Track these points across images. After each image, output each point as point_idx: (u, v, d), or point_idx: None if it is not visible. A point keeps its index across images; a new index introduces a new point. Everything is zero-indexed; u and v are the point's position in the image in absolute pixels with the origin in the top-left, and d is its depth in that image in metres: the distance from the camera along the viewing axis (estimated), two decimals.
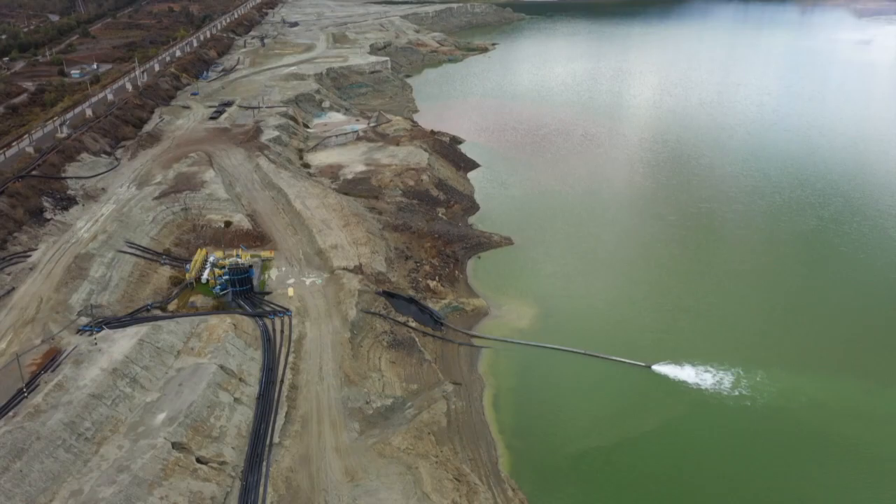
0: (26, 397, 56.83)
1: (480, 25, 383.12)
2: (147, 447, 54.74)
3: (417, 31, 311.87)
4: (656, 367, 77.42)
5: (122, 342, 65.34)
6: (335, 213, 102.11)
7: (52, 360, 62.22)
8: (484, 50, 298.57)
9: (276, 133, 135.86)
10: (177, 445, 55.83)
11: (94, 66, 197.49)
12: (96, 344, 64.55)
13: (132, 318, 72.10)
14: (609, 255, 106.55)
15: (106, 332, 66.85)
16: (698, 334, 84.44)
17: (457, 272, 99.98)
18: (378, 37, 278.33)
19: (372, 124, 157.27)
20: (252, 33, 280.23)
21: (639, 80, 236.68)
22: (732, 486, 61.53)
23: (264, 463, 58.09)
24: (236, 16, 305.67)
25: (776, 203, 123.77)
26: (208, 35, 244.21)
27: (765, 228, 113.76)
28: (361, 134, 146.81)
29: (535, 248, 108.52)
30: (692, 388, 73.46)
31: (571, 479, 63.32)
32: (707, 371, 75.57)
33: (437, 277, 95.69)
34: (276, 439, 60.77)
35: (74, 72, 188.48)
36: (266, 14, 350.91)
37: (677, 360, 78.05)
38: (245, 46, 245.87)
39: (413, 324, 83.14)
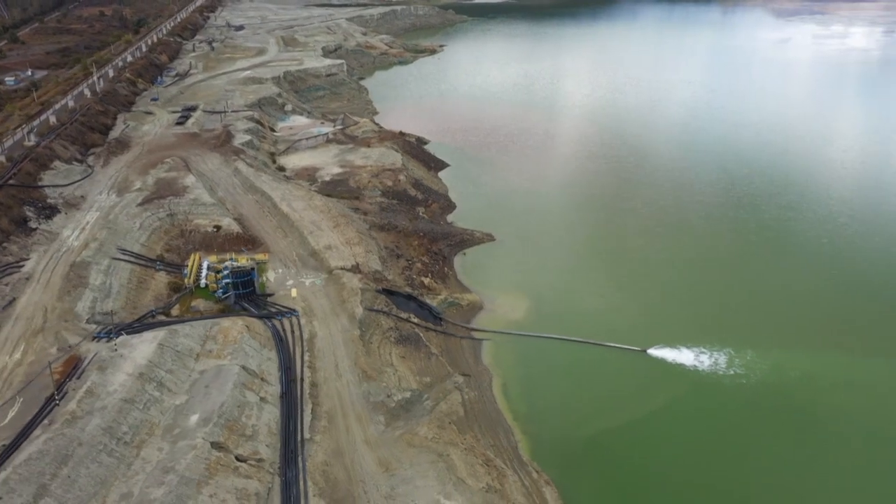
0: (58, 404, 56.49)
1: (424, 27, 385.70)
2: (187, 448, 55.22)
3: (365, 34, 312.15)
4: (651, 351, 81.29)
5: (142, 347, 65.26)
6: (323, 215, 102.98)
7: (74, 367, 61.74)
8: (432, 51, 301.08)
9: (248, 137, 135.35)
10: (215, 445, 56.47)
11: (29, 73, 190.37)
12: (116, 350, 64.33)
13: (146, 324, 71.84)
14: (588, 246, 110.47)
15: (124, 337, 66.56)
16: (686, 318, 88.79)
17: (446, 269, 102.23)
18: (327, 40, 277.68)
19: (338, 127, 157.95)
20: (198, 37, 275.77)
21: (588, 80, 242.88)
22: (739, 454, 65.73)
23: (299, 458, 59.18)
24: (179, 20, 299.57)
25: (738, 194, 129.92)
26: (155, 39, 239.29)
27: (730, 217, 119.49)
28: (331, 136, 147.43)
29: (515, 242, 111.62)
30: (689, 370, 77.58)
31: (589, 459, 66.44)
32: (702, 352, 79.85)
33: (429, 274, 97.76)
34: (306, 435, 61.90)
35: (9, 79, 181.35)
36: (207, 18, 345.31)
37: (670, 344, 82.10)
38: (194, 51, 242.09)
39: (415, 319, 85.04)
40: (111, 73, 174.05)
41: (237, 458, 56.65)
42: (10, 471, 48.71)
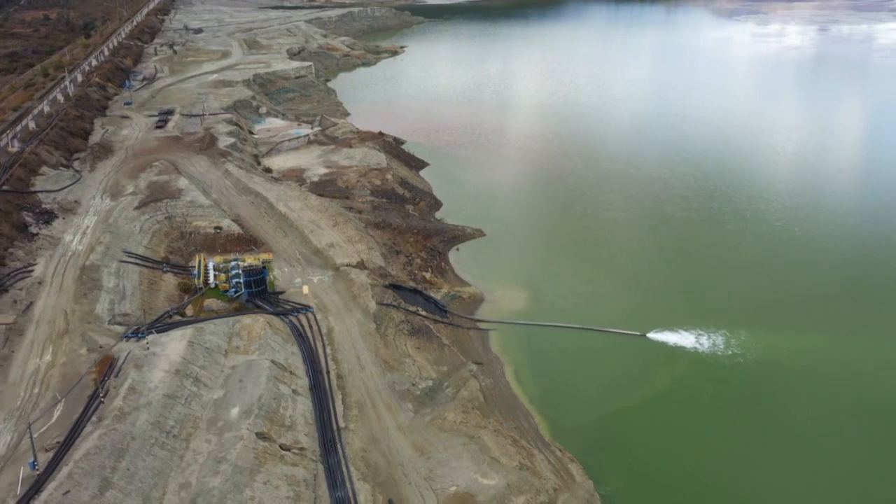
0: (103, 402, 57.48)
1: (381, 29, 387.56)
2: (235, 439, 56.88)
3: (325, 36, 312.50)
4: (651, 335, 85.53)
5: (173, 345, 66.43)
6: (321, 214, 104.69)
7: (110, 366, 62.63)
8: (394, 53, 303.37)
9: (232, 140, 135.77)
10: (260, 435, 58.25)
11: None
12: (148, 348, 65.38)
13: (171, 323, 72.83)
14: (574, 239, 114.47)
15: (153, 336, 67.59)
16: (678, 303, 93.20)
17: (443, 264, 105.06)
18: (290, 42, 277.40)
19: (317, 128, 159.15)
20: (158, 41, 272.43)
21: (551, 80, 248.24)
22: (742, 425, 70.29)
23: (338, 446, 61.30)
24: (135, 23, 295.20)
25: (711, 186, 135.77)
26: (115, 43, 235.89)
27: (706, 209, 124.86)
28: (312, 138, 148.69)
29: (505, 237, 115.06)
30: (690, 351, 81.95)
31: (606, 437, 69.92)
32: (700, 334, 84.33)
33: (429, 270, 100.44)
34: (341, 424, 64.02)
35: None
36: (162, 20, 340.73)
37: (668, 327, 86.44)
38: (157, 54, 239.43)
39: (423, 313, 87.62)
40: (79, 78, 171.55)
41: (281, 448, 58.55)
42: (72, 465, 49.76)
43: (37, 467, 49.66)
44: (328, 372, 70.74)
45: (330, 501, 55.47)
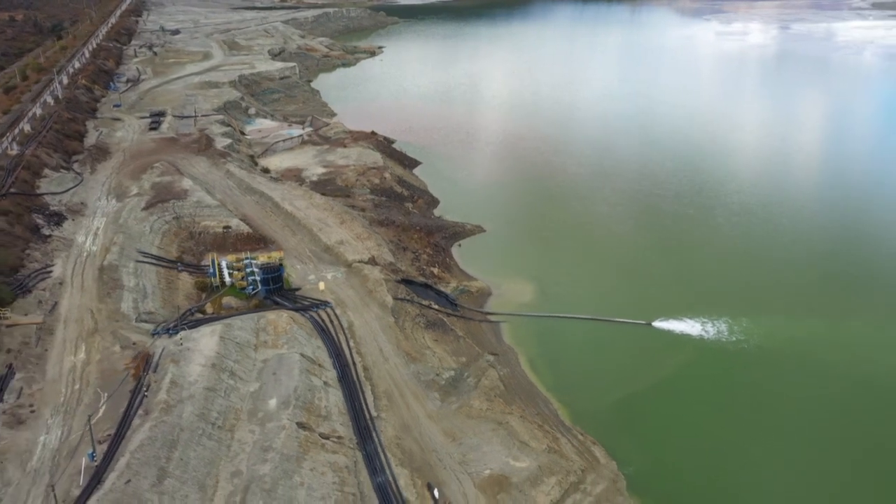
0: (146, 396, 58.83)
1: (357, 29, 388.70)
2: (277, 429, 58.65)
3: (303, 37, 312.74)
4: (656, 324, 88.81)
5: (204, 341, 67.84)
6: (328, 213, 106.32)
7: (146, 362, 63.90)
8: (372, 53, 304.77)
9: (228, 140, 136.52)
10: (300, 425, 60.07)
11: None
12: (182, 344, 66.74)
13: (199, 320, 74.13)
14: (572, 233, 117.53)
15: (185, 332, 68.92)
16: (679, 293, 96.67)
17: (448, 259, 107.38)
18: (269, 43, 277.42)
19: (308, 128, 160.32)
20: (135, 42, 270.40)
21: (532, 79, 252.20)
22: (749, 406, 73.79)
23: (374, 434, 63.36)
24: (111, 24, 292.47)
25: (699, 181, 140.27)
26: (94, 45, 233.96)
27: (696, 203, 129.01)
28: (306, 138, 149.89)
29: (505, 233, 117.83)
30: (695, 338, 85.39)
31: (622, 421, 72.78)
32: (704, 322, 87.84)
33: (436, 265, 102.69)
34: (373, 413, 66.06)
35: None
36: (137, 22, 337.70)
37: (671, 316, 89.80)
38: (136, 56, 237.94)
39: (435, 306, 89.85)
40: (65, 80, 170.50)
41: (321, 436, 60.44)
42: (128, 456, 51.17)
43: (95, 458, 50.98)
44: (354, 364, 72.69)
45: (372, 486, 57.55)
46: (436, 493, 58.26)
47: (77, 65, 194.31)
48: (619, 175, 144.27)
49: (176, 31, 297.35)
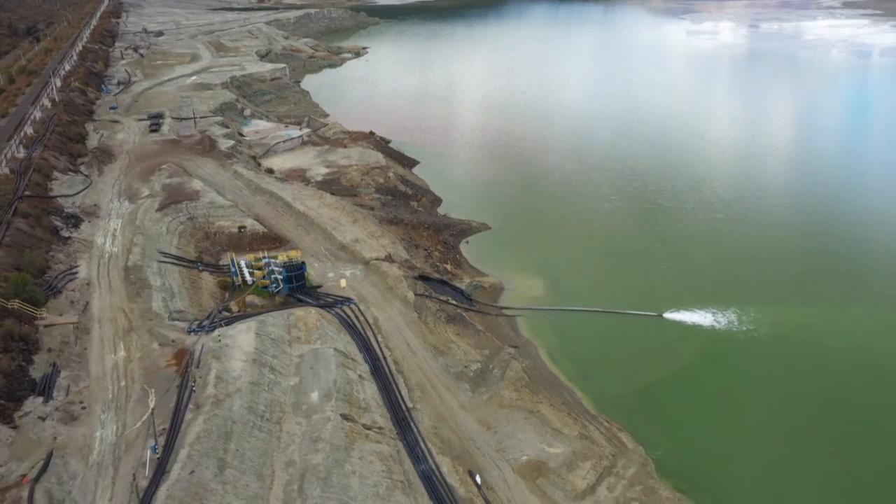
0: (195, 391, 60.25)
1: (339, 30, 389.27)
2: (323, 420, 60.40)
3: (287, 38, 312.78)
4: (667, 315, 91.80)
5: (241, 337, 69.32)
6: (339, 212, 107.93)
7: (188, 358, 65.26)
8: (357, 54, 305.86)
9: (231, 142, 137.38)
10: (344, 417, 61.88)
11: None
12: (220, 340, 68.16)
13: (232, 317, 75.52)
14: (576, 229, 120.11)
15: (221, 329, 70.31)
16: (686, 285, 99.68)
17: (457, 256, 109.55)
18: (255, 44, 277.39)
19: (306, 129, 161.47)
20: (119, 44, 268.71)
21: (521, 79, 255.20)
22: (764, 392, 76.90)
23: (412, 424, 65.36)
24: (92, 26, 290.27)
25: (695, 178, 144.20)
26: (80, 47, 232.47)
27: (694, 199, 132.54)
28: (306, 138, 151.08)
29: (510, 230, 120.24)
30: (707, 328, 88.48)
31: (644, 408, 75.31)
32: (713, 313, 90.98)
33: (448, 262, 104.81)
34: (409, 405, 68.04)
35: None
36: (117, 23, 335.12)
37: (681, 308, 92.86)
38: (123, 58, 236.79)
39: (453, 302, 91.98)
40: (58, 83, 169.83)
41: (364, 427, 62.29)
42: (188, 448, 52.65)
43: (157, 451, 52.40)
44: (385, 358, 74.56)
45: (417, 474, 59.54)
46: (478, 479, 60.43)
47: (67, 67, 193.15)
48: (615, 173, 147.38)
49: (159, 33, 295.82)
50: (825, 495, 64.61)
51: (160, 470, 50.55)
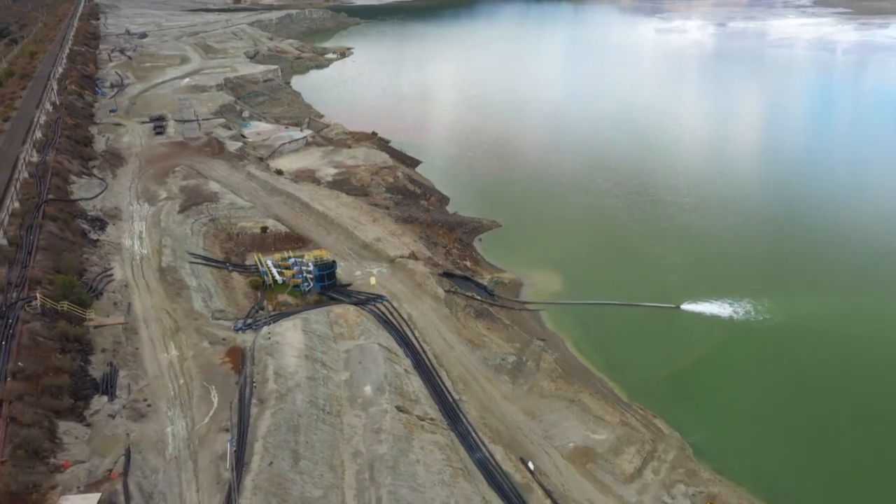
0: (255, 387, 61.82)
1: (320, 30, 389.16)
2: (381, 412, 62.37)
3: (271, 39, 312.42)
4: (684, 307, 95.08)
5: (289, 334, 70.97)
6: (358, 211, 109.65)
7: (242, 355, 66.78)
8: (342, 54, 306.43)
9: (239, 144, 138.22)
10: (399, 409, 63.90)
11: None
12: (270, 338, 69.72)
13: (277, 315, 77.04)
14: (586, 225, 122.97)
15: (267, 327, 71.85)
16: (699, 277, 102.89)
17: (474, 253, 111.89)
18: (241, 45, 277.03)
19: (307, 130, 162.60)
20: (104, 46, 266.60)
21: (512, 78, 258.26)
22: (784, 377, 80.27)
23: (461, 415, 67.56)
24: (74, 27, 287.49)
25: (693, 174, 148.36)
26: (67, 50, 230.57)
27: (695, 195, 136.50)
28: (310, 139, 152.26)
29: (519, 226, 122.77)
30: (725, 319, 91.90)
31: (674, 395, 78.28)
32: (728, 303, 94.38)
33: (467, 258, 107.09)
34: (455, 397, 70.23)
35: None
36: (96, 25, 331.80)
37: (697, 299, 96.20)
38: (111, 60, 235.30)
39: (478, 297, 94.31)
40: (55, 86, 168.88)
41: (418, 418, 64.36)
42: (262, 441, 54.36)
43: (234, 444, 53.99)
44: (425, 352, 76.66)
45: (473, 462, 61.78)
46: (530, 465, 62.84)
47: (60, 70, 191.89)
48: (619, 170, 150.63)
49: (143, 35, 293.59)
50: (855, 471, 68.13)
51: (239, 462, 52.16)
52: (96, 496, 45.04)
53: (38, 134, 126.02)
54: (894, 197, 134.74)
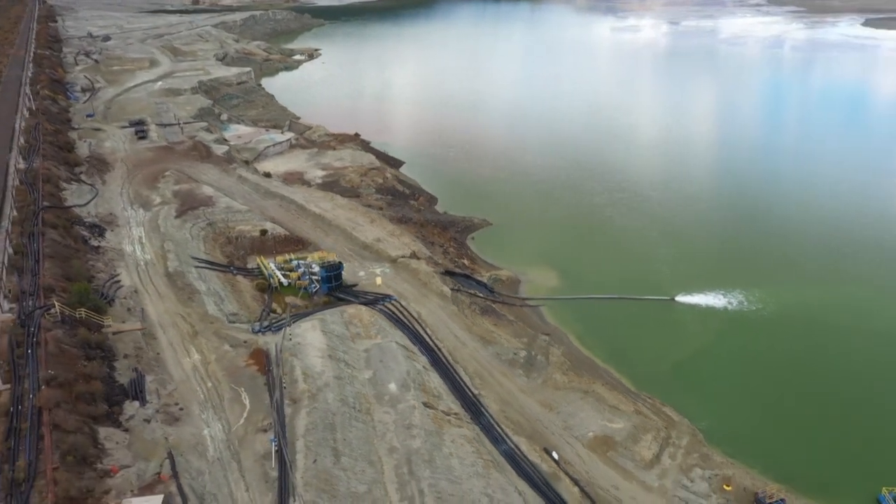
0: (286, 387, 62.61)
1: (285, 32, 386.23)
2: (409, 409, 63.72)
3: (237, 41, 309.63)
4: (679, 299, 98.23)
5: (310, 335, 71.81)
6: (354, 212, 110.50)
7: (266, 357, 67.40)
8: (310, 56, 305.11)
9: (225, 147, 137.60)
10: (426, 405, 65.31)
11: None
12: (291, 339, 70.44)
13: (294, 315, 77.61)
14: (575, 222, 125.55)
15: (288, 329, 72.51)
16: (691, 270, 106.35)
17: (470, 251, 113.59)
18: (208, 47, 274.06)
19: (289, 133, 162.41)
20: (67, 49, 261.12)
21: (484, 78, 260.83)
22: (781, 365, 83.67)
23: (483, 409, 69.23)
24: (33, 30, 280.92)
25: (680, 171, 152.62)
26: (32, 53, 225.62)
27: (685, 191, 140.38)
28: (294, 142, 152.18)
29: (511, 224, 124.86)
30: (719, 309, 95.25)
31: (679, 384, 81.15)
32: (721, 295, 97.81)
33: (464, 257, 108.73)
34: (475, 391, 71.86)
35: None
36: (56, 28, 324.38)
37: (690, 291, 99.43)
38: (77, 64, 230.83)
39: (481, 295, 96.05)
40: (28, 91, 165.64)
41: (444, 413, 65.84)
42: (303, 440, 55.30)
43: (276, 443, 54.79)
44: (439, 349, 78.12)
45: (500, 453, 63.51)
46: (554, 455, 64.84)
47: (29, 74, 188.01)
48: (603, 168, 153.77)
49: (107, 38, 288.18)
50: (852, 451, 71.57)
51: (283, 461, 53.03)
52: (159, 497, 45.55)
53: (21, 140, 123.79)
54: (870, 191, 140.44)
